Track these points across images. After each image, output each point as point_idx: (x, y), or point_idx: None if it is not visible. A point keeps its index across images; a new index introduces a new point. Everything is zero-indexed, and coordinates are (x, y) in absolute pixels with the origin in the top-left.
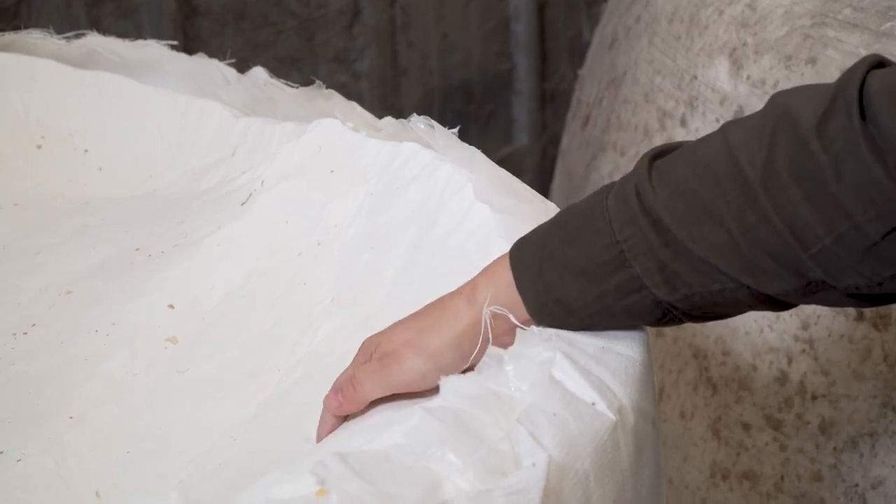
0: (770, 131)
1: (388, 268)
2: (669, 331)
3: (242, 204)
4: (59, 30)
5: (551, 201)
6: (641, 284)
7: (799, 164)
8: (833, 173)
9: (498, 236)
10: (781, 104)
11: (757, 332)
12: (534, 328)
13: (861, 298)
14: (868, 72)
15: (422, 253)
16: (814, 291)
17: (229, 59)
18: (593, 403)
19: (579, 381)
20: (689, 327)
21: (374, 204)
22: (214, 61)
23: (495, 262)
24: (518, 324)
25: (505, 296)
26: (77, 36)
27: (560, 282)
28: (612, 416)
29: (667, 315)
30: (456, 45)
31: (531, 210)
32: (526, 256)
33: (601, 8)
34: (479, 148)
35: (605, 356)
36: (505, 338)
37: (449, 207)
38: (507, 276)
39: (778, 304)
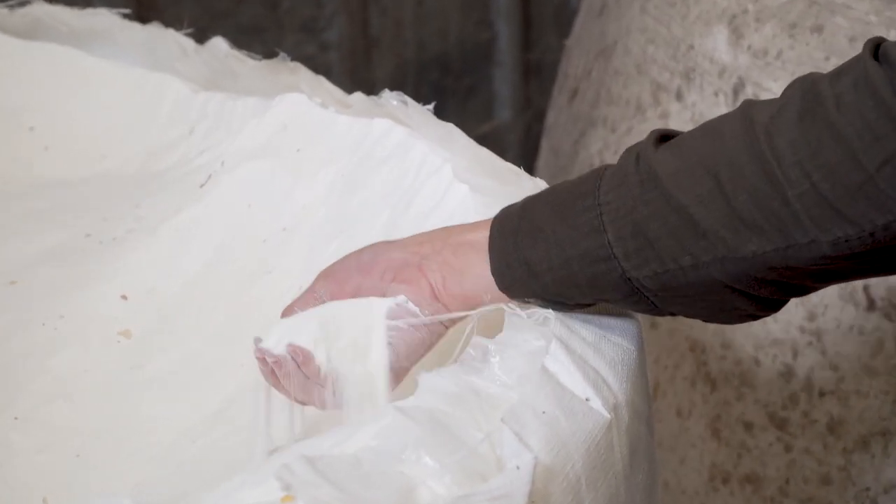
0: (788, 95)
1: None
2: (664, 322)
3: (202, 186)
4: None
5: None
6: (610, 253)
7: (806, 109)
8: (834, 103)
9: (478, 218)
10: (803, 77)
11: (759, 323)
12: (524, 314)
13: (852, 260)
14: (882, 42)
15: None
16: (792, 256)
17: (186, 28)
18: (587, 399)
19: (574, 374)
20: (687, 318)
21: (344, 185)
22: (170, 31)
23: (486, 220)
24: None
25: (473, 251)
26: (21, 4)
27: (531, 243)
28: (606, 415)
29: (635, 294)
30: (432, 13)
31: (514, 190)
32: (508, 215)
33: None
34: (457, 125)
35: (602, 345)
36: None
37: (425, 188)
38: (482, 233)
39: (757, 288)
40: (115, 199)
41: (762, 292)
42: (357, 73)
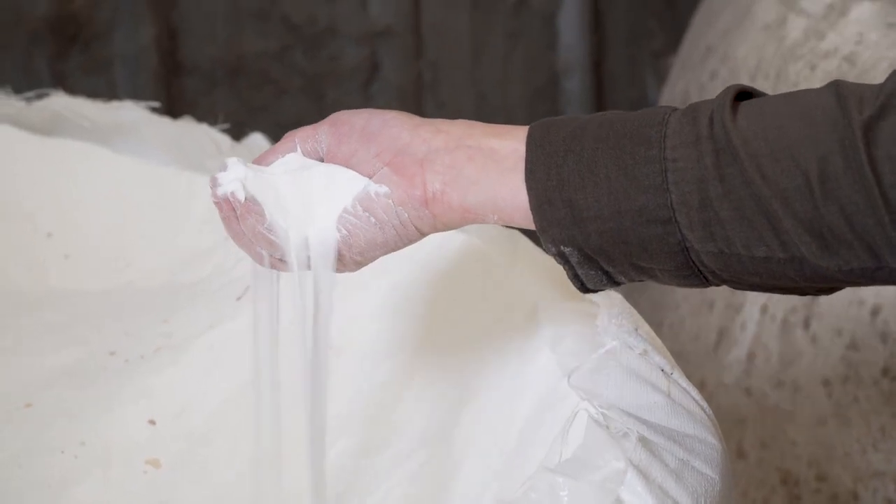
0: (890, 91)
1: (414, 378)
2: (753, 452)
3: (238, 299)
4: (18, 88)
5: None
6: (671, 216)
7: None
8: None
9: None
10: None
11: (859, 452)
12: (608, 426)
13: None
14: None
15: (460, 358)
16: (882, 279)
17: (221, 123)
18: None
19: None
20: (778, 447)
21: (397, 300)
22: (204, 126)
23: (516, 127)
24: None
25: (508, 171)
26: (39, 96)
27: (579, 182)
28: None
29: (688, 268)
30: (496, 107)
31: (579, 308)
32: (551, 139)
33: (669, 62)
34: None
35: (684, 473)
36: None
37: (492, 299)
38: (510, 143)
39: (827, 288)
40: (141, 312)
41: (827, 292)
42: None
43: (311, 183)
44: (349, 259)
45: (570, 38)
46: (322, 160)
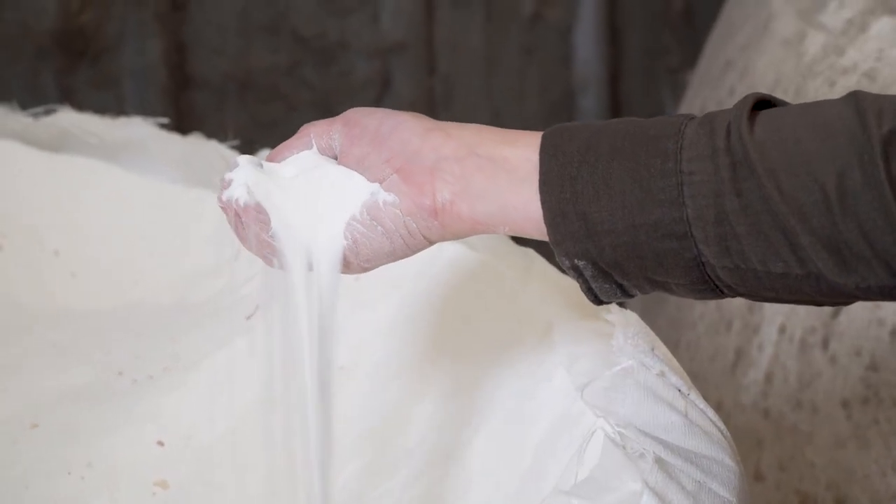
0: None
1: (425, 398)
2: (770, 474)
3: (248, 318)
4: (24, 104)
5: (626, 307)
6: (687, 231)
7: None
8: None
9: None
10: None
11: (878, 475)
12: (625, 447)
13: None
14: None
15: (471, 379)
16: None
17: (231, 139)
18: None
19: None
20: (797, 469)
21: (408, 317)
22: (213, 143)
23: (528, 134)
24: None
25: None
26: (46, 112)
27: (593, 195)
28: None
29: (704, 283)
30: (509, 123)
31: (594, 327)
32: (564, 149)
33: (687, 77)
34: (540, 249)
35: (701, 495)
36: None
37: (506, 318)
38: (522, 152)
39: (844, 302)
40: (149, 332)
41: (843, 304)
42: None
43: (321, 187)
44: (356, 265)
45: (585, 53)
46: (336, 156)
